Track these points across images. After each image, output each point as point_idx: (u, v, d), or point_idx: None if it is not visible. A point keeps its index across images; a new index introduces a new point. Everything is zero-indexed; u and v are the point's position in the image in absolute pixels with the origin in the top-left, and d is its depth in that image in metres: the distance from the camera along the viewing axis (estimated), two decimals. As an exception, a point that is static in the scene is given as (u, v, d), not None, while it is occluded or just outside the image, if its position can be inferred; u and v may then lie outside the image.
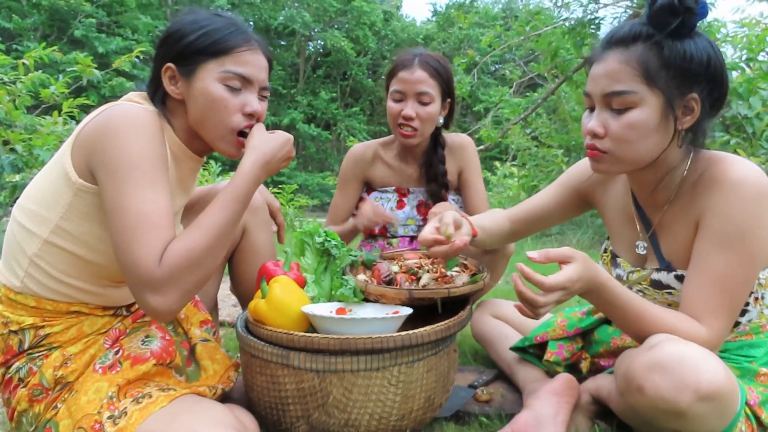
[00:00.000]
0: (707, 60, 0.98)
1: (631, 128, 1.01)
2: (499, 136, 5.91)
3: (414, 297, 1.18)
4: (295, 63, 22.65)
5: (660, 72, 0.98)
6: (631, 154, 1.04)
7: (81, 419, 0.96)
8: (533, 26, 5.55)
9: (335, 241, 1.30)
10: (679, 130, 1.02)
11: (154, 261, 0.91)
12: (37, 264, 1.03)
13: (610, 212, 1.29)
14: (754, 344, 1.10)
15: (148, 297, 0.91)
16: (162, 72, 1.08)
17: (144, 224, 0.92)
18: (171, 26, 1.11)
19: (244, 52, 1.10)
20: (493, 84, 17.31)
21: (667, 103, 0.99)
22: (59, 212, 1.01)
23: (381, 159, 1.90)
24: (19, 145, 3.32)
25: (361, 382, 1.04)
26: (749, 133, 3.72)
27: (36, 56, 3.50)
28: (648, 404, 0.94)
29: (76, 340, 1.06)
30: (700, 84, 0.99)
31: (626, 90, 1.00)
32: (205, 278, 0.99)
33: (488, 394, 1.38)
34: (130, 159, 0.94)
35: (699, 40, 0.99)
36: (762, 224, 0.98)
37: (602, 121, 1.04)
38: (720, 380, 0.89)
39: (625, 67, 1.00)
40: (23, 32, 15.45)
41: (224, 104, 1.08)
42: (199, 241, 0.96)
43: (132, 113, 0.99)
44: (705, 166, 1.05)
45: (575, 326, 1.37)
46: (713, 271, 0.99)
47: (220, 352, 1.20)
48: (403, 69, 1.71)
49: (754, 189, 0.97)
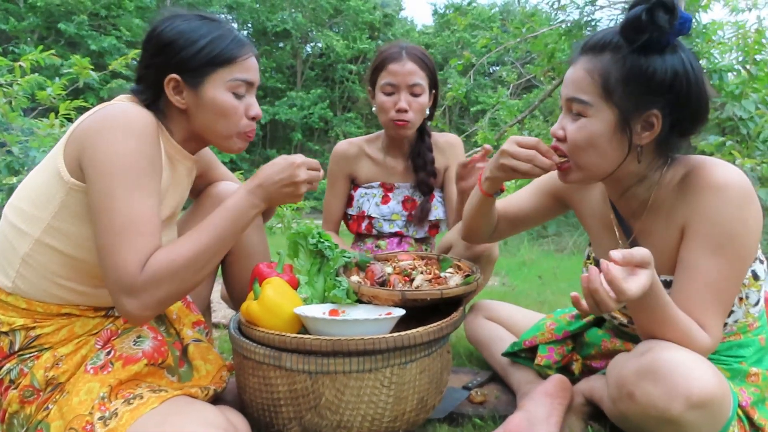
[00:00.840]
0: (672, 78, 0.95)
1: (581, 134, 1.01)
2: (496, 138, 5.92)
3: (407, 298, 1.18)
4: (293, 65, 22.67)
5: (618, 86, 0.97)
6: (587, 162, 1.04)
7: (72, 420, 0.95)
8: (529, 28, 5.57)
9: (328, 243, 1.30)
10: (636, 145, 1.00)
11: (137, 267, 0.92)
12: (29, 264, 1.02)
13: (589, 218, 1.28)
14: (742, 344, 1.10)
15: (124, 300, 0.93)
16: (165, 83, 1.08)
17: (130, 229, 0.93)
18: (163, 34, 1.08)
19: (247, 59, 1.13)
20: (490, 86, 17.34)
21: (622, 117, 0.98)
22: (51, 212, 1.01)
23: (366, 155, 1.90)
24: (16, 147, 3.33)
25: (353, 383, 1.04)
26: (744, 134, 3.73)
27: (32, 59, 3.50)
28: (639, 411, 0.94)
29: (67, 341, 1.06)
30: (660, 102, 0.97)
31: (583, 99, 1.00)
32: (184, 291, 1.00)
33: (482, 396, 1.38)
34: (122, 160, 0.94)
35: (670, 57, 0.96)
36: (748, 226, 0.98)
37: (563, 125, 1.05)
38: (712, 387, 0.89)
39: (587, 77, 1.00)
40: (19, 34, 15.45)
41: (234, 112, 1.12)
42: (185, 255, 0.97)
43: (128, 113, 0.99)
44: (685, 171, 1.04)
45: (564, 329, 1.37)
46: (706, 277, 0.99)
47: (213, 353, 1.20)
48: (393, 62, 1.71)
49: (738, 192, 0.97)
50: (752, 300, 1.09)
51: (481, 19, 16.82)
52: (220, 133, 1.14)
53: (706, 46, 4.58)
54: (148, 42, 1.11)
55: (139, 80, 1.12)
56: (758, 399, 1.06)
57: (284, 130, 21.05)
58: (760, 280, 1.08)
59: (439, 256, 1.47)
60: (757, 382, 1.08)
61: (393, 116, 1.72)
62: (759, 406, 1.06)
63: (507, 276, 3.48)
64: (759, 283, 1.08)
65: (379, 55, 1.78)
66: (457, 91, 5.63)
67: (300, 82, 22.41)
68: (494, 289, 3.02)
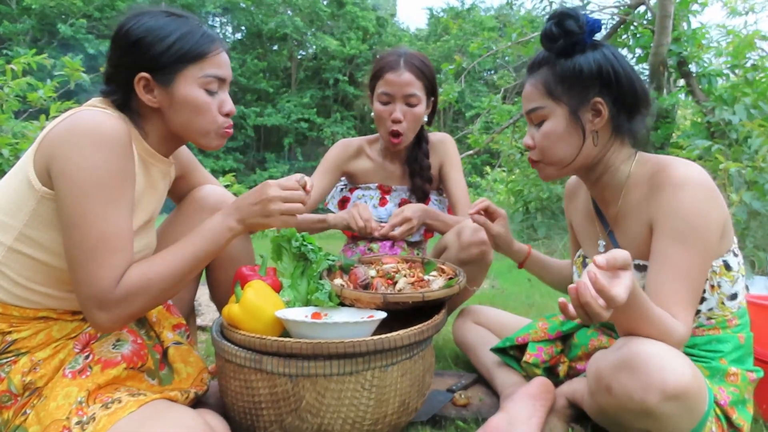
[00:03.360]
0: (598, 69, 1.12)
1: (546, 137, 1.18)
2: (486, 141, 5.94)
3: (389, 301, 1.18)
4: (287, 67, 22.67)
5: (557, 86, 1.15)
6: (554, 158, 1.19)
7: (50, 425, 0.95)
8: (520, 33, 5.59)
9: (312, 246, 1.30)
10: (591, 130, 1.16)
11: (111, 283, 0.94)
12: (2, 271, 1.02)
13: (577, 218, 1.39)
14: (721, 339, 1.13)
15: (95, 313, 0.96)
16: (135, 82, 1.06)
17: (104, 245, 0.94)
18: (131, 32, 1.06)
19: (218, 54, 1.11)
20: (484, 90, 17.37)
21: (571, 110, 1.15)
22: (23, 219, 1.00)
23: (365, 154, 1.92)
24: (6, 150, 3.31)
25: (334, 386, 1.04)
26: (732, 139, 3.76)
27: (24, 62, 3.49)
28: (616, 404, 0.96)
29: (44, 345, 1.05)
30: (596, 89, 1.13)
31: (536, 106, 1.18)
32: (157, 305, 1.04)
33: (466, 399, 1.38)
34: (94, 174, 0.94)
35: (591, 54, 1.13)
36: (710, 218, 1.05)
37: (530, 135, 1.23)
38: (686, 380, 0.91)
39: (533, 89, 1.19)
40: (13, 36, 15.39)
41: (207, 108, 1.11)
42: (160, 273, 1.00)
43: (98, 122, 0.97)
44: (651, 170, 1.14)
45: (557, 329, 1.39)
46: (674, 267, 1.04)
47: (194, 355, 1.20)
48: (389, 71, 1.71)
49: (698, 188, 1.05)
50: (725, 290, 1.12)
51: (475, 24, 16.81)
52: (196, 130, 1.13)
53: (696, 50, 4.61)
54: (115, 41, 1.08)
55: (108, 80, 1.10)
56: (737, 399, 1.08)
57: (277, 133, 21.05)
58: (733, 271, 1.12)
59: (424, 260, 1.47)
60: (737, 382, 1.09)
61: (388, 127, 1.73)
62: (738, 407, 1.07)
63: (496, 279, 3.49)
64: (732, 273, 1.12)
65: (378, 62, 1.77)
66: (448, 95, 5.65)
67: (294, 84, 22.39)
68: (484, 291, 3.03)
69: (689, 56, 4.58)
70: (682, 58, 4.56)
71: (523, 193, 5.72)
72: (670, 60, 4.57)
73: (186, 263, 1.04)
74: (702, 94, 4.50)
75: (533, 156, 1.23)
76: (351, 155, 1.91)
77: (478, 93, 17.89)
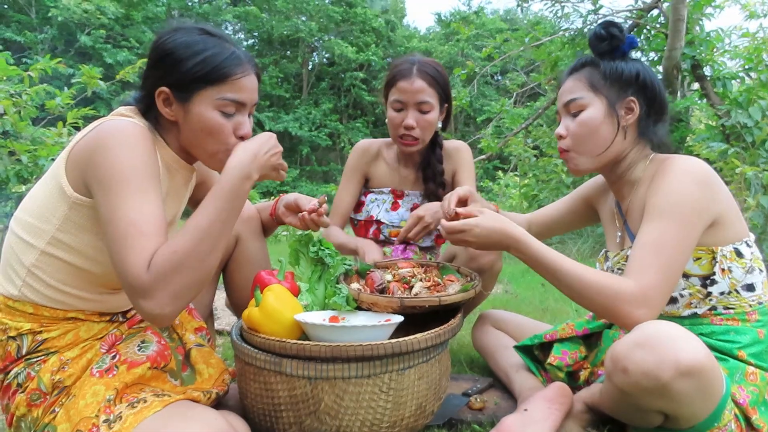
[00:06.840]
0: (636, 73, 1.26)
1: (583, 125, 1.27)
2: (499, 145, 5.93)
3: (405, 305, 1.19)
4: (299, 73, 22.82)
5: (600, 81, 1.28)
6: (587, 146, 1.28)
7: (79, 422, 0.98)
8: (532, 37, 5.59)
9: (329, 250, 1.32)
10: (623, 125, 1.27)
11: (142, 267, 0.92)
12: (35, 274, 1.05)
13: (603, 213, 1.47)
14: (739, 330, 1.14)
15: (141, 303, 0.93)
16: (156, 95, 1.09)
17: (131, 232, 0.93)
18: (162, 46, 1.09)
19: (241, 78, 1.10)
20: (495, 95, 17.34)
21: (609, 103, 1.26)
22: (55, 224, 1.03)
23: (383, 157, 1.95)
24: (25, 156, 3.38)
25: (352, 389, 1.06)
26: (748, 142, 3.72)
27: (41, 68, 3.57)
28: (632, 383, 0.98)
29: (73, 345, 1.09)
30: (632, 90, 1.26)
31: (578, 96, 1.28)
32: (197, 281, 0.97)
33: (482, 402, 1.39)
34: (120, 171, 0.96)
35: (630, 62, 1.28)
36: (692, 197, 1.11)
37: (565, 126, 1.31)
38: (700, 357, 0.94)
39: (576, 83, 1.31)
40: (33, 45, 15.69)
41: (219, 130, 1.09)
42: (184, 244, 0.95)
43: (121, 128, 1.00)
44: (657, 166, 1.24)
45: (584, 326, 1.43)
46: (644, 237, 1.12)
47: (215, 357, 1.22)
48: (402, 79, 1.74)
49: (689, 175, 1.13)
50: (737, 276, 1.14)
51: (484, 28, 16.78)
52: (204, 150, 1.12)
53: (711, 54, 4.58)
54: (150, 52, 1.12)
55: (141, 88, 1.14)
56: (757, 399, 1.08)
57: (291, 141, 21.18)
58: (745, 258, 1.16)
59: (439, 264, 1.49)
60: (756, 381, 1.10)
61: (400, 133, 1.76)
62: (760, 408, 1.07)
63: (510, 283, 3.48)
64: (744, 261, 1.15)
65: (392, 69, 1.80)
66: (461, 100, 5.66)
67: (306, 90, 22.54)
68: (497, 296, 3.02)
69: (703, 59, 4.55)
70: (696, 61, 4.53)
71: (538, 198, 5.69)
72: (683, 63, 4.54)
73: (211, 226, 0.99)
74: (716, 97, 4.46)
75: (564, 145, 1.31)
76: (371, 158, 1.94)
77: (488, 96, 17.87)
